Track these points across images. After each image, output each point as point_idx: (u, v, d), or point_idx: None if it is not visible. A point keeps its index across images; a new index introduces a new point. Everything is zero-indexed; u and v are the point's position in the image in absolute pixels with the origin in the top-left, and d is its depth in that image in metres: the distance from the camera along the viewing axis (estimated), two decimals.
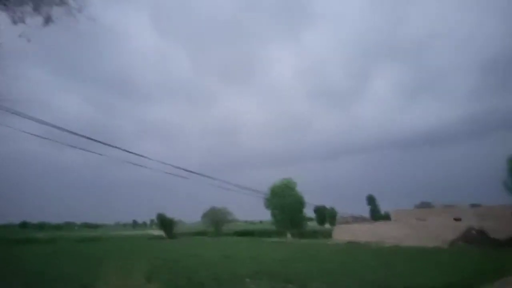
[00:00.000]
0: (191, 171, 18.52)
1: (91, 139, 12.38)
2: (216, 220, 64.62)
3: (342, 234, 40.42)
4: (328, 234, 44.93)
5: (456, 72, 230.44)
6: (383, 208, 75.91)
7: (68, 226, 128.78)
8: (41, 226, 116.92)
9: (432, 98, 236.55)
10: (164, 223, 65.67)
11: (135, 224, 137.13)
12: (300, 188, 46.55)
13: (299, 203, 45.24)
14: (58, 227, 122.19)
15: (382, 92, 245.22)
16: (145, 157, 15.36)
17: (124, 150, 14.00)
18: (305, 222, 49.68)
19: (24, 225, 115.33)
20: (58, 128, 11.23)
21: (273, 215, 46.77)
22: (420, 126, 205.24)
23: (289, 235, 46.41)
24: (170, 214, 67.18)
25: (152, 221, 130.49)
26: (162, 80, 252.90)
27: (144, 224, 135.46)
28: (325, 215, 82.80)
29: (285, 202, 43.92)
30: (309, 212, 54.86)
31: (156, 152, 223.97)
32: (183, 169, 17.87)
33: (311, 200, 53.06)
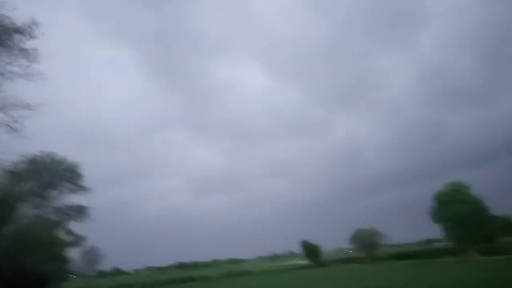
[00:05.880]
0: None
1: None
2: (367, 244, 57.17)
3: None
4: None
5: None
6: None
7: (216, 263, 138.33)
8: (195, 265, 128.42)
9: None
10: (310, 250, 61.87)
11: (275, 256, 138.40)
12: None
13: (481, 210, 35.10)
14: (207, 264, 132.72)
15: None
16: None
17: None
18: (495, 234, 38.53)
19: (181, 265, 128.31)
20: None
21: (446, 229, 37.54)
22: None
23: (474, 253, 36.35)
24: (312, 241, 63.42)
25: (290, 252, 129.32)
26: (277, 119, 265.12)
27: (284, 255, 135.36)
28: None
29: (460, 211, 34.69)
30: None
31: (282, 187, 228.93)
32: None
33: None
